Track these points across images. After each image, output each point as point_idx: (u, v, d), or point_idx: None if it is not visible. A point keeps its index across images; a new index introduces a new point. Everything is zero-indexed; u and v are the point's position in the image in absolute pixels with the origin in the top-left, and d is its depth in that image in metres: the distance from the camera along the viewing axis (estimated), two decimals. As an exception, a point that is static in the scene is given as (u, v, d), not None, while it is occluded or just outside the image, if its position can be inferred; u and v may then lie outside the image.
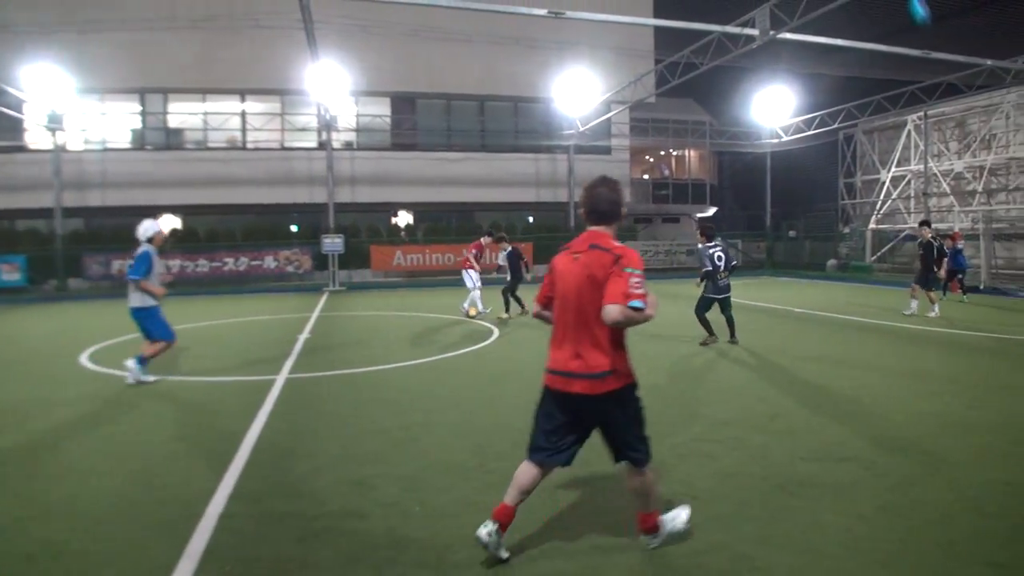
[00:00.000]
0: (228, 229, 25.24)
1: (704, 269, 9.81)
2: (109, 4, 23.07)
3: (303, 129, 26.13)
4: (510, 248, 13.55)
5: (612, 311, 3.09)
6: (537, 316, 3.62)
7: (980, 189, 25.08)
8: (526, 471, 3.40)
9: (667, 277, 25.98)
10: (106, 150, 24.92)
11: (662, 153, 39.49)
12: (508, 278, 13.60)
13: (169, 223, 25.39)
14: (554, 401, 3.37)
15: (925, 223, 13.61)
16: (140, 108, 25.52)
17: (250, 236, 24.92)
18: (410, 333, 11.72)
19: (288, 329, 12.33)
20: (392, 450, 5.19)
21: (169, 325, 7.88)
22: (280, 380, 7.81)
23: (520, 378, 7.81)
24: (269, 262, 23.88)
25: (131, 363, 7.68)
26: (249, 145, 25.92)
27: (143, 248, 7.65)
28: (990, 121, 24.83)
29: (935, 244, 12.98)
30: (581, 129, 25.81)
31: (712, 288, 9.84)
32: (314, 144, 26.21)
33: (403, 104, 27.33)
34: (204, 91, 25.23)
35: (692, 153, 39.11)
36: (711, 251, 9.81)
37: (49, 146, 22.79)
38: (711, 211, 39.45)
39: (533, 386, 7.21)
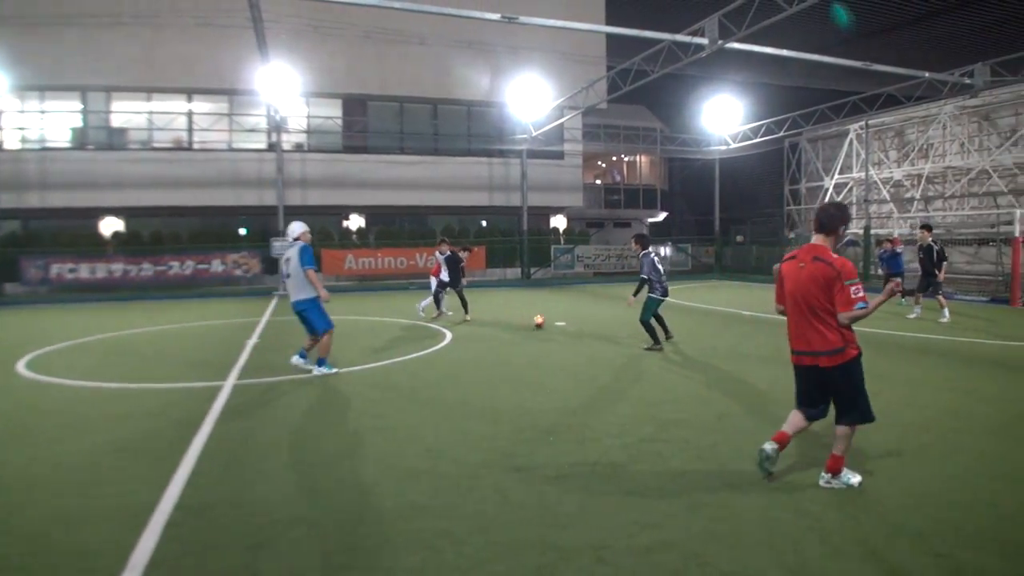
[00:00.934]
0: (173, 232, 24.61)
1: (643, 277, 9.98)
2: (49, -1, 22.32)
3: (252, 130, 25.63)
4: (448, 252, 13.65)
5: (843, 317, 4.14)
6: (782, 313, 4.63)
7: (918, 196, 26.06)
8: (796, 416, 4.49)
9: (618, 281, 26.28)
10: (45, 149, 24.01)
11: (614, 159, 39.99)
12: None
13: (111, 225, 24.64)
14: (799, 373, 4.48)
15: (926, 226, 13.46)
16: (82, 106, 24.69)
17: (197, 239, 24.35)
18: (361, 337, 11.59)
19: (236, 334, 12.09)
20: (343, 456, 5.14)
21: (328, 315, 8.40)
22: (228, 386, 7.65)
23: (471, 381, 7.82)
24: (217, 266, 23.35)
25: (317, 370, 8.28)
26: (196, 146, 25.28)
27: (300, 243, 8.20)
28: (927, 131, 25.86)
29: (935, 247, 13.01)
30: (534, 134, 25.93)
31: (660, 290, 10.03)
32: (263, 145, 25.73)
33: (355, 106, 27.05)
34: (149, 90, 24.53)
35: (643, 159, 39.70)
36: (651, 256, 10.08)
37: (-17, 145, 21.88)
38: (661, 216, 40.12)
39: (484, 389, 7.28)
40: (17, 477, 4.75)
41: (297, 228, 8.41)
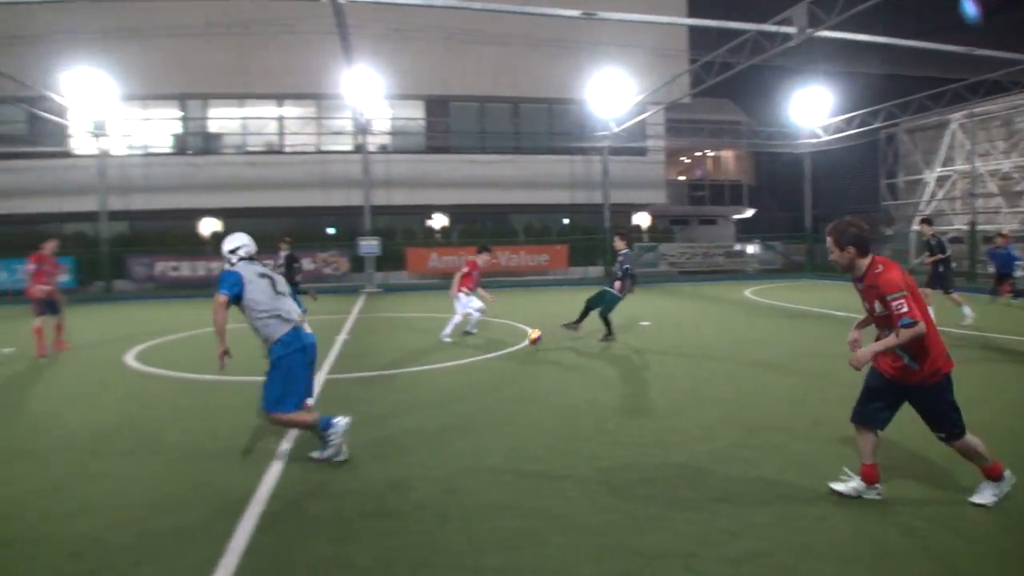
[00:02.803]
0: (265, 232, 25.63)
1: (629, 270, 10.27)
2: (146, 9, 23.54)
3: (339, 133, 26.46)
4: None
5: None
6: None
7: (1029, 189, 24.35)
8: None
9: (705, 280, 25.64)
10: (148, 155, 25.54)
11: (698, 154, 39.11)
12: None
13: (209, 226, 25.90)
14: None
15: (926, 220, 12.87)
16: (181, 113, 26.08)
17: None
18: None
19: (326, 330, 12.45)
20: (425, 452, 5.21)
21: None
22: (319, 380, 7.88)
23: (541, 382, 7.78)
24: (306, 264, 24.18)
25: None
26: (286, 149, 26.32)
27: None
28: (1038, 119, 24.12)
29: (932, 243, 12.18)
30: (615, 130, 25.64)
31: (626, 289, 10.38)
32: (350, 147, 26.50)
33: (437, 107, 27.49)
34: (242, 96, 25.69)
35: (729, 154, 38.67)
36: (634, 254, 10.43)
37: (94, 151, 23.42)
38: (749, 212, 38.95)
39: (559, 387, 7.20)
40: (114, 466, 5.03)
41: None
